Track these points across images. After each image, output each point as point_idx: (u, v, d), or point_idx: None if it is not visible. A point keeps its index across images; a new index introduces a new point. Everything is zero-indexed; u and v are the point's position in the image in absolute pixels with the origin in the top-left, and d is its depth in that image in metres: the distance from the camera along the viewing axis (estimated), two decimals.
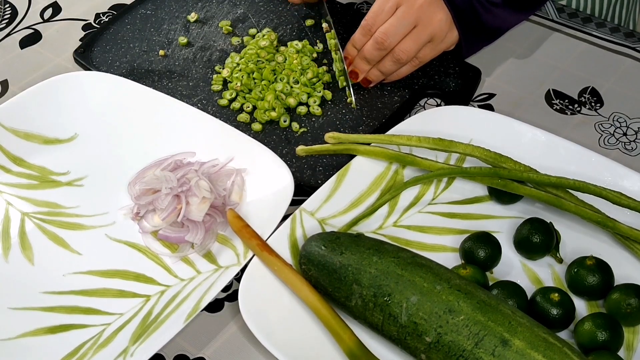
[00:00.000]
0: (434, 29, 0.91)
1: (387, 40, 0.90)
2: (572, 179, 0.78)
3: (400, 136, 0.84)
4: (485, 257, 0.78)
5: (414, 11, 0.89)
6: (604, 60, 1.00)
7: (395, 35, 0.90)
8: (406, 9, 0.90)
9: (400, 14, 0.90)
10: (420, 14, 0.90)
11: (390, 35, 0.90)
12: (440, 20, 0.91)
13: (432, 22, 0.90)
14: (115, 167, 0.89)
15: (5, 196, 0.87)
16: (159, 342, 0.72)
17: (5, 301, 0.78)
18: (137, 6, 1.09)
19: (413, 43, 0.91)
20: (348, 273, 0.72)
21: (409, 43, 0.91)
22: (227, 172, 0.85)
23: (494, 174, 0.80)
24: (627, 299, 0.73)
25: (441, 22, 0.91)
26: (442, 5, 0.91)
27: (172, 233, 0.82)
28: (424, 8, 0.90)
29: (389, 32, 0.90)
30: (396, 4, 0.90)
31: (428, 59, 0.94)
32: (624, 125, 0.93)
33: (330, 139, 0.87)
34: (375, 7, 0.91)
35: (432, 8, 0.90)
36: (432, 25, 0.90)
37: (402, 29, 0.90)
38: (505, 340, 0.64)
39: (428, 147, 0.83)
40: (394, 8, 0.90)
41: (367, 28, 0.92)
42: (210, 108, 0.96)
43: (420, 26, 0.90)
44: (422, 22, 0.90)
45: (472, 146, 0.82)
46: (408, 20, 0.89)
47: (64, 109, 0.92)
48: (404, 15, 0.89)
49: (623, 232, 0.77)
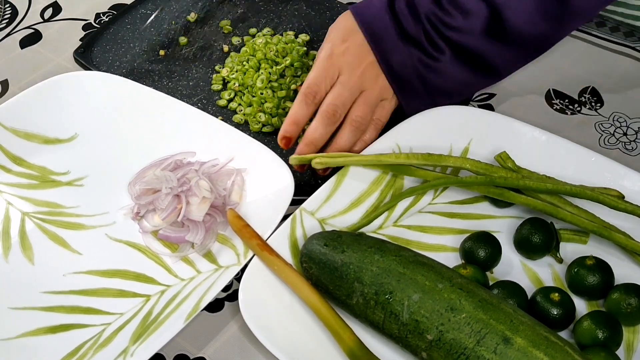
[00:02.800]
0: (381, 90, 0.86)
1: (338, 110, 0.83)
2: (569, 185, 0.78)
3: (388, 155, 0.82)
4: (485, 257, 0.78)
5: (357, 77, 0.84)
6: (604, 60, 1.00)
7: (345, 105, 0.84)
8: (350, 75, 0.84)
9: (344, 81, 0.84)
10: (364, 79, 0.85)
11: (340, 106, 0.84)
12: (384, 80, 0.86)
13: (377, 83, 0.86)
14: (115, 167, 0.89)
15: (6, 196, 0.87)
16: (159, 342, 0.72)
17: (6, 301, 0.78)
18: (137, 6, 1.09)
19: (366, 107, 0.85)
20: (349, 271, 0.72)
21: (361, 108, 0.85)
22: (227, 172, 0.85)
23: (490, 183, 0.80)
24: (627, 299, 0.73)
25: (385, 83, 0.86)
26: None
27: (172, 233, 0.82)
28: (366, 72, 0.85)
29: (338, 101, 0.84)
30: (338, 72, 0.85)
31: (388, 116, 0.88)
32: (624, 125, 0.93)
33: (318, 164, 0.83)
34: (314, 74, 0.85)
35: (375, 70, 0.86)
36: (378, 86, 0.86)
37: (350, 97, 0.84)
38: (507, 339, 0.65)
39: (417, 163, 0.82)
40: (335, 75, 0.85)
41: (310, 96, 0.84)
42: (210, 108, 0.96)
43: (367, 91, 0.85)
44: (367, 86, 0.85)
45: (462, 159, 0.81)
46: (355, 87, 0.84)
47: (64, 109, 0.92)
48: (350, 81, 0.84)
49: (619, 242, 0.76)
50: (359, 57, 0.85)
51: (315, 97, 0.84)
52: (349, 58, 0.85)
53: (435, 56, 0.85)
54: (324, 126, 0.84)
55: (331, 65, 0.85)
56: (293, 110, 0.85)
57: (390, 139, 0.86)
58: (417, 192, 0.83)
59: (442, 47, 0.85)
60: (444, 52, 0.85)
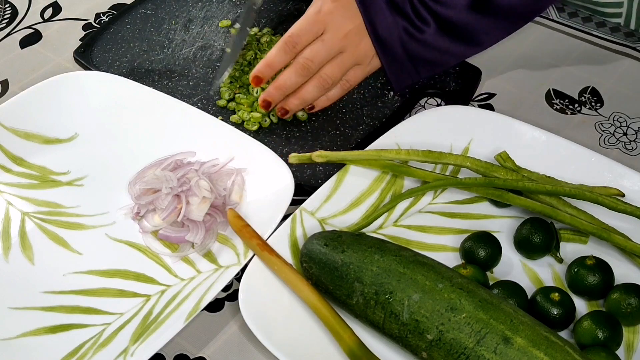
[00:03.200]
0: (360, 54, 0.88)
1: (313, 65, 0.86)
2: (568, 186, 0.78)
3: (389, 150, 0.83)
4: (485, 257, 0.78)
5: (341, 39, 0.86)
6: (604, 60, 1.00)
7: (321, 63, 0.87)
8: (333, 35, 0.86)
9: (327, 39, 0.86)
10: (347, 42, 0.87)
11: (316, 61, 0.86)
12: (366, 46, 0.88)
13: (358, 48, 0.88)
14: (115, 167, 0.89)
15: (6, 196, 0.87)
16: (159, 342, 0.72)
17: (6, 301, 0.78)
18: (137, 6, 1.09)
19: (338, 68, 0.88)
20: (350, 271, 0.72)
21: (334, 68, 0.87)
22: (228, 171, 0.85)
23: (489, 184, 0.80)
24: (627, 299, 0.73)
25: (367, 49, 0.88)
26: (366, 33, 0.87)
27: (172, 233, 0.82)
28: (350, 35, 0.87)
29: (315, 57, 0.86)
30: (323, 28, 0.86)
31: (358, 81, 0.91)
32: (624, 125, 0.93)
33: (319, 157, 0.84)
34: (299, 25, 0.87)
35: (359, 35, 0.87)
36: (358, 51, 0.88)
37: (327, 56, 0.87)
38: (507, 338, 0.64)
39: (417, 159, 0.82)
40: (320, 31, 0.86)
41: (290, 45, 0.87)
42: (210, 108, 0.96)
43: (347, 53, 0.87)
44: (348, 49, 0.87)
45: (462, 157, 0.82)
46: (335, 47, 0.86)
47: (64, 108, 0.92)
48: (331, 41, 0.86)
49: (619, 243, 0.76)
50: (346, 18, 0.87)
51: (295, 47, 0.87)
52: (336, 17, 0.87)
53: (420, 27, 0.87)
54: (296, 76, 0.87)
55: (317, 21, 0.87)
56: (271, 54, 0.87)
57: (390, 138, 0.86)
58: (416, 193, 0.83)
59: (427, 19, 0.87)
60: (429, 24, 0.87)
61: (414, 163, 0.84)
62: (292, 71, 0.87)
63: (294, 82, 0.88)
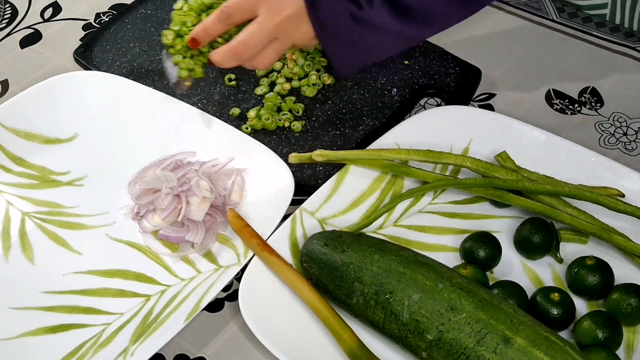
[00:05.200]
0: (296, 40, 0.85)
1: (247, 52, 0.83)
2: (568, 187, 0.78)
3: (389, 150, 0.83)
4: (485, 257, 0.78)
5: (276, 24, 0.82)
6: (604, 60, 1.00)
7: (255, 48, 0.83)
8: (269, 19, 0.82)
9: (263, 23, 0.82)
10: (283, 27, 0.82)
11: (250, 47, 0.82)
12: (304, 32, 0.84)
13: (295, 34, 0.84)
14: (115, 167, 0.89)
15: (6, 196, 0.87)
16: (159, 342, 0.72)
17: (6, 301, 0.78)
18: (137, 6, 1.09)
19: (273, 54, 0.84)
20: (350, 271, 0.72)
21: (269, 54, 0.84)
22: (228, 171, 0.85)
23: (489, 185, 0.80)
24: (627, 299, 0.73)
25: (304, 34, 0.84)
26: (306, 17, 0.83)
27: (172, 233, 0.82)
28: (287, 21, 0.83)
29: (249, 44, 0.82)
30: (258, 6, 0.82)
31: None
32: (624, 125, 0.93)
33: (319, 156, 0.84)
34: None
35: (297, 20, 0.83)
36: (294, 37, 0.84)
37: (263, 41, 0.83)
38: (507, 338, 0.65)
39: (418, 159, 0.82)
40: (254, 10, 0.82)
41: (225, 14, 0.83)
42: (210, 108, 0.96)
43: (282, 39, 0.83)
44: (284, 34, 0.83)
45: (462, 157, 0.82)
46: (270, 33, 0.82)
47: (64, 108, 0.92)
48: (266, 26, 0.82)
49: (619, 244, 0.77)
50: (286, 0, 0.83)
51: (229, 20, 0.83)
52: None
53: (364, 6, 0.83)
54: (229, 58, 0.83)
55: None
56: (209, 20, 0.84)
57: (390, 138, 0.86)
58: (416, 193, 0.83)
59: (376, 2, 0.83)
60: (377, 7, 0.83)
61: (414, 163, 0.84)
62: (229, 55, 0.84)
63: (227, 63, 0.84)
